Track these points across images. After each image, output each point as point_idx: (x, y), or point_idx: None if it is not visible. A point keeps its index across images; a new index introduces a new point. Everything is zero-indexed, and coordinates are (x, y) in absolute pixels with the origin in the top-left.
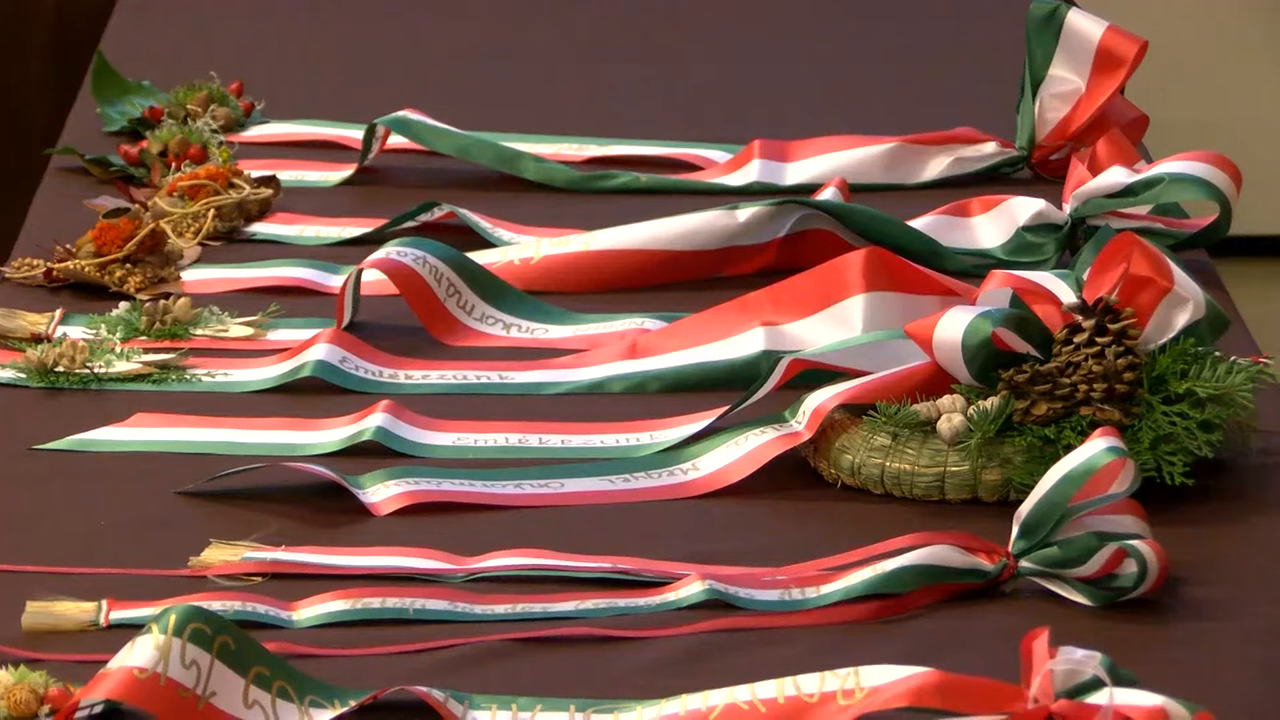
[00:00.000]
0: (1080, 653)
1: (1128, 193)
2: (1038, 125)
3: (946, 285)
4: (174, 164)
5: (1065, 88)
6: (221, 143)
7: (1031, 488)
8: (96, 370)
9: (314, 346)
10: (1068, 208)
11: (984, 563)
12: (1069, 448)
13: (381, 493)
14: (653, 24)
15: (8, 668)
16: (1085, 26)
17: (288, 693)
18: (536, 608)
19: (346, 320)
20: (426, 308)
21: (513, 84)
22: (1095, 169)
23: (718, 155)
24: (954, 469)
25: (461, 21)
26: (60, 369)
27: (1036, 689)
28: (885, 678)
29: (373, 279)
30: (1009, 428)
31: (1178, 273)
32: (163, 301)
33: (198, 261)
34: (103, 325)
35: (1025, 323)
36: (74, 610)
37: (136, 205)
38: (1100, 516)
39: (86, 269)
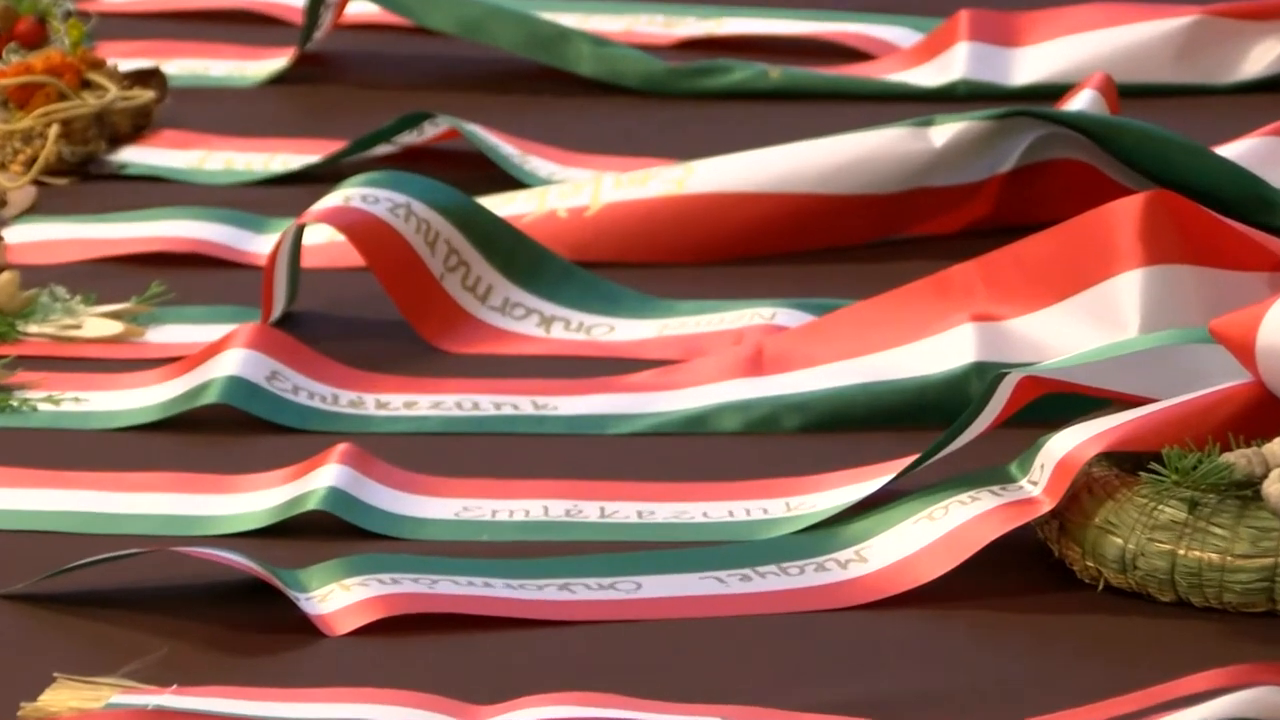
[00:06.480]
0: None
1: None
2: None
3: None
4: None
5: None
6: (70, 13)
7: None
8: None
9: (225, 354)
10: None
11: None
12: None
13: (338, 598)
14: None
15: None
16: None
17: None
18: None
19: (278, 310)
20: (411, 289)
21: None
22: None
23: (898, 35)
24: None
25: None
26: None
27: None
28: None
29: (321, 241)
30: None
31: None
32: None
33: (30, 211)
34: None
35: None
36: None
37: None
38: None
39: None
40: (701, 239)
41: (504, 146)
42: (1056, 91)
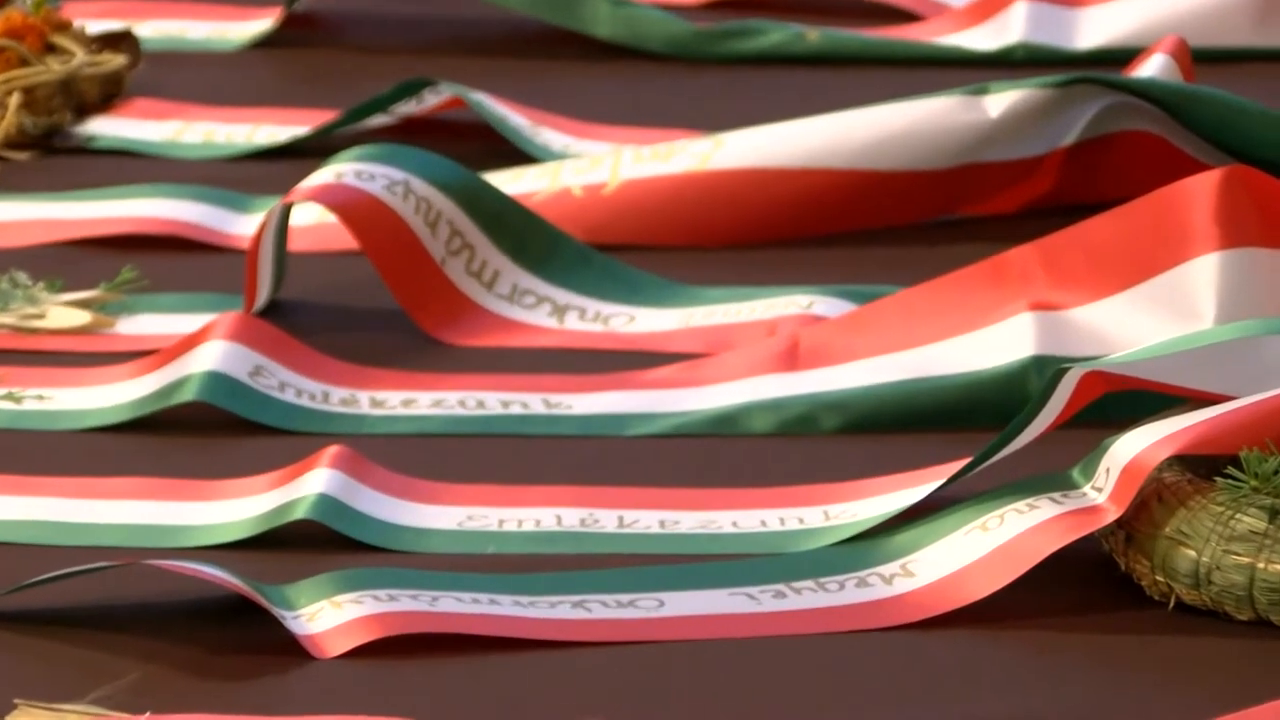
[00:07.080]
0: None
1: None
2: None
3: None
4: None
5: None
6: None
7: None
8: None
9: (203, 347)
10: None
11: None
12: None
13: (329, 617)
14: None
15: None
16: None
17: None
18: None
19: (263, 299)
20: (410, 274)
21: None
22: None
23: None
24: None
25: None
26: None
27: None
28: None
29: (311, 222)
30: None
31: None
32: None
33: None
34: None
35: None
36: None
37: None
38: None
39: None
40: (731, 219)
41: (513, 117)
42: (1125, 56)
